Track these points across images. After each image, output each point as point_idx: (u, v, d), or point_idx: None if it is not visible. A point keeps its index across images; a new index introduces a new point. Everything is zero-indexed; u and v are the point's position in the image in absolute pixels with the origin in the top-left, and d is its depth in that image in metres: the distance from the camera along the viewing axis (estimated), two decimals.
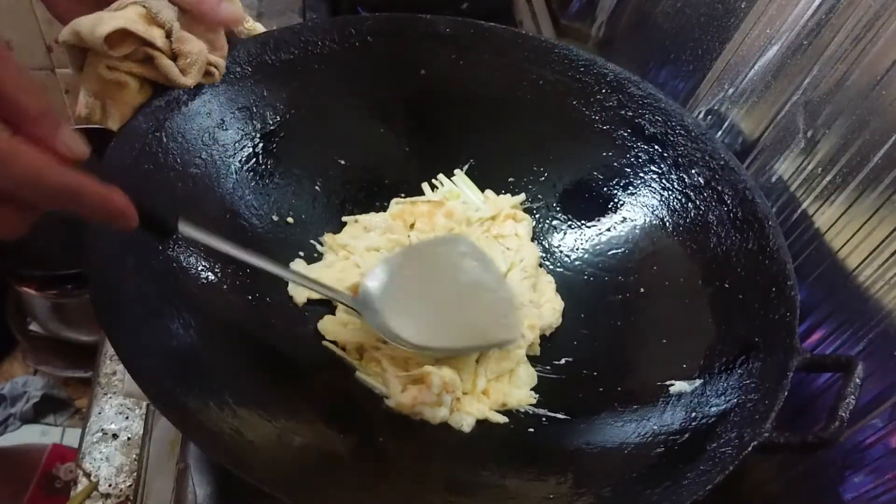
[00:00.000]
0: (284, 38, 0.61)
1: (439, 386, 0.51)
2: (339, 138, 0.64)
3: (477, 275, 0.55)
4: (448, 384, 0.51)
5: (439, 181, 0.65)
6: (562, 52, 0.64)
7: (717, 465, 0.42)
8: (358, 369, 0.53)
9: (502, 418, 0.53)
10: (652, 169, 0.61)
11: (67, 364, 1.31)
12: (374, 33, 0.63)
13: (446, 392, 0.51)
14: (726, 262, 0.54)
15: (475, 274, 0.55)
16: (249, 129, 0.59)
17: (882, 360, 0.47)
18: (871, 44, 0.50)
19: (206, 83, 0.53)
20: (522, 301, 0.58)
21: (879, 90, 0.49)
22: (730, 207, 0.56)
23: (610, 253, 0.62)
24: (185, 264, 0.51)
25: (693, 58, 0.67)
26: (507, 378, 0.55)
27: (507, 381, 0.55)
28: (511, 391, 0.54)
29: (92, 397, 0.62)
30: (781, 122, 0.58)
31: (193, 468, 0.49)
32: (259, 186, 0.59)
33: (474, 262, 0.56)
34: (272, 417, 0.45)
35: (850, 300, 0.50)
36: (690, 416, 0.48)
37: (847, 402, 0.42)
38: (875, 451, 0.47)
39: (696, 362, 0.51)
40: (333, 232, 0.61)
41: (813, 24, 0.55)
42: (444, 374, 0.51)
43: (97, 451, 0.59)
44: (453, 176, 0.65)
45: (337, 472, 0.45)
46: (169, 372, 0.42)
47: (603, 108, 0.63)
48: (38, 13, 1.26)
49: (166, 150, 0.53)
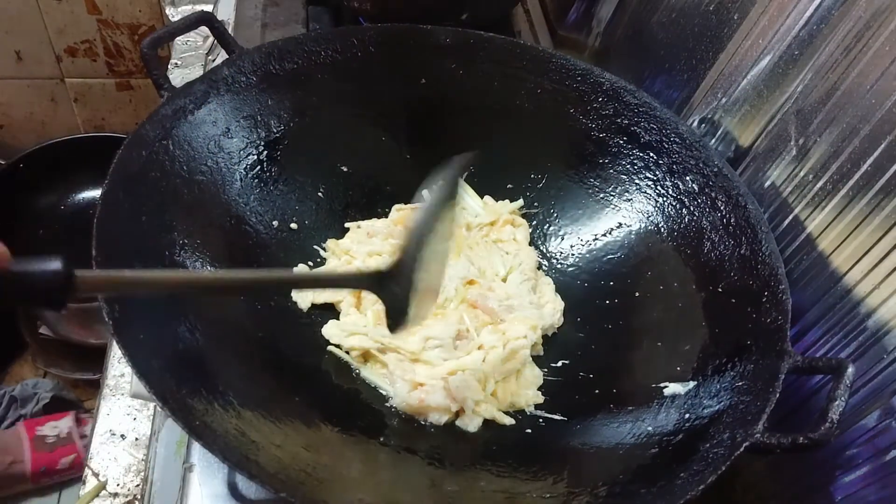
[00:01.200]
0: (288, 49, 0.62)
1: (444, 396, 0.52)
2: (341, 146, 0.65)
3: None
4: (455, 392, 0.52)
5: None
6: (559, 62, 0.65)
7: (709, 466, 0.43)
8: (362, 369, 0.54)
9: (509, 420, 0.54)
10: (647, 176, 0.62)
11: (76, 366, 1.33)
12: (375, 43, 0.65)
13: (453, 400, 0.52)
14: (720, 266, 0.55)
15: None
16: (254, 137, 0.60)
17: (872, 362, 0.48)
18: (862, 54, 0.51)
19: None
20: (522, 303, 0.59)
21: (869, 99, 0.50)
22: (723, 213, 0.57)
23: (606, 258, 0.63)
24: (192, 269, 0.52)
25: (687, 67, 0.68)
26: (513, 378, 0.56)
27: (515, 381, 0.56)
28: (519, 391, 0.55)
29: (100, 399, 0.63)
30: (774, 130, 0.59)
31: (199, 468, 0.49)
32: (263, 193, 0.60)
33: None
34: (276, 418, 0.46)
35: (840, 303, 0.51)
36: (684, 418, 0.49)
37: (838, 404, 0.43)
38: (865, 452, 0.47)
39: (690, 365, 0.52)
40: (336, 237, 0.62)
41: (804, 35, 0.56)
42: (456, 381, 0.52)
43: (105, 451, 0.60)
44: None
45: (339, 472, 0.46)
46: (175, 374, 0.43)
47: (599, 117, 0.64)
48: (47, 24, 1.28)
49: (173, 157, 0.54)
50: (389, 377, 0.54)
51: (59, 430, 1.16)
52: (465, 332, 0.56)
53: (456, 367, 0.54)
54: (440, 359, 0.54)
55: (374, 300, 0.57)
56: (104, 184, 0.48)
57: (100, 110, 1.40)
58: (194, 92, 0.57)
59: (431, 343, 0.55)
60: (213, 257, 0.53)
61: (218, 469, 0.49)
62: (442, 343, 0.55)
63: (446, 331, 0.55)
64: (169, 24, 0.57)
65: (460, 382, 0.52)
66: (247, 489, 0.48)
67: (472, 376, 0.53)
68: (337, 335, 0.56)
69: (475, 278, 0.60)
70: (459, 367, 0.54)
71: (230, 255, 0.55)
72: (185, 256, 0.52)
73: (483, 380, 0.54)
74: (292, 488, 0.40)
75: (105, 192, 0.48)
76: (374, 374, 0.54)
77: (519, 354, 0.56)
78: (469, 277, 0.60)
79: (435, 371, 0.54)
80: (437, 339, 0.55)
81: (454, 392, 0.52)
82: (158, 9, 1.28)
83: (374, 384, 0.54)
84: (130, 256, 0.47)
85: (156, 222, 0.51)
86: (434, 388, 0.52)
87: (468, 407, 0.52)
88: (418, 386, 0.53)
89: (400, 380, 0.53)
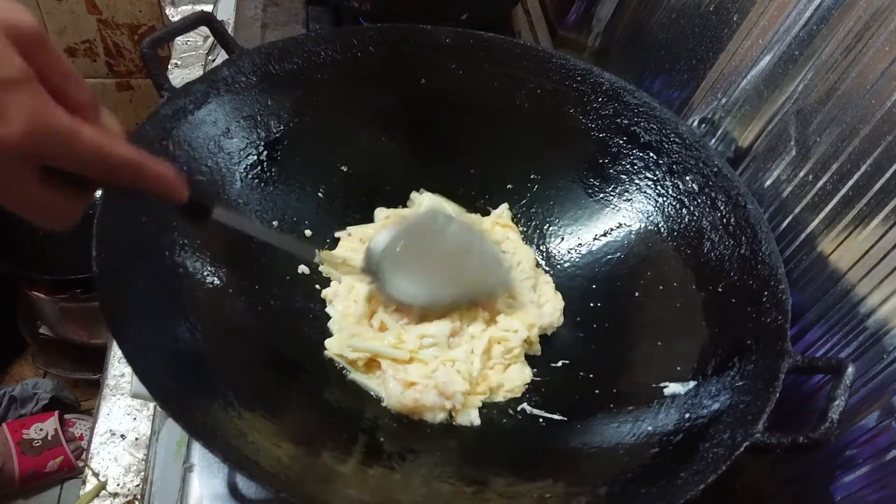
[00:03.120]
0: (288, 49, 0.62)
1: (437, 395, 0.52)
2: (341, 146, 0.65)
3: (462, 238, 0.59)
4: (442, 388, 0.52)
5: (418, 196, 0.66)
6: (559, 62, 0.65)
7: (709, 466, 0.43)
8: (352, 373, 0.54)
9: (501, 397, 0.55)
10: (647, 176, 0.62)
11: (76, 366, 1.33)
12: (375, 43, 0.65)
13: (445, 398, 0.52)
14: (720, 266, 0.55)
15: (460, 237, 0.59)
16: (254, 137, 0.60)
17: (872, 361, 0.48)
18: (862, 54, 0.51)
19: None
20: (523, 301, 0.59)
21: (869, 98, 0.50)
22: (723, 213, 0.57)
23: (605, 258, 0.63)
24: (192, 269, 0.52)
25: (687, 67, 0.68)
26: (500, 370, 0.56)
27: (500, 373, 0.56)
28: (501, 384, 0.55)
29: (100, 399, 0.63)
30: (773, 130, 0.59)
31: (199, 468, 0.49)
32: (263, 193, 0.60)
33: (456, 228, 0.59)
34: (276, 418, 0.46)
35: (840, 303, 0.51)
36: (684, 418, 0.49)
37: (837, 404, 0.43)
38: (865, 452, 0.47)
39: (690, 365, 0.52)
40: (329, 248, 0.62)
41: (804, 35, 0.56)
42: (442, 377, 0.52)
43: (105, 451, 0.60)
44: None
45: (339, 472, 0.46)
46: (175, 374, 0.44)
47: (599, 117, 0.64)
48: (47, 24, 1.29)
49: (173, 158, 0.54)
50: (382, 377, 0.54)
51: (45, 431, 1.16)
52: (458, 329, 0.56)
53: (443, 361, 0.54)
54: (434, 357, 0.54)
55: (364, 294, 0.57)
56: None
57: None
58: (194, 92, 0.57)
59: (427, 341, 0.55)
60: (213, 257, 0.53)
61: (218, 469, 0.49)
62: (437, 341, 0.55)
63: (442, 329, 0.55)
64: (169, 24, 0.57)
65: (445, 377, 0.52)
66: (247, 489, 0.48)
67: (456, 369, 0.53)
68: (338, 349, 0.55)
69: None
70: (447, 359, 0.54)
71: (230, 255, 0.55)
72: (185, 256, 0.52)
73: (466, 370, 0.54)
74: (292, 488, 0.40)
75: (105, 193, 0.48)
76: (364, 378, 0.54)
77: (505, 346, 0.56)
78: None
79: (428, 370, 0.54)
80: (432, 336, 0.55)
81: (442, 388, 0.52)
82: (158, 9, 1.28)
83: (365, 387, 0.54)
84: (130, 256, 0.47)
85: (156, 222, 0.51)
86: (426, 388, 0.52)
87: (458, 401, 0.52)
88: (411, 385, 0.53)
89: (392, 380, 0.53)
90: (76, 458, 1.18)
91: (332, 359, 0.55)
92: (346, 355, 0.55)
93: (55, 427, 1.17)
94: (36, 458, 1.14)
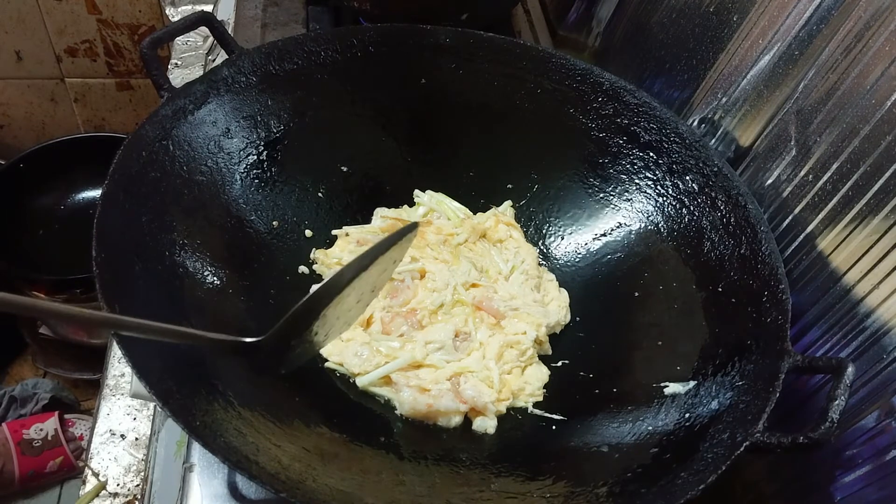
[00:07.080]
0: (288, 49, 0.62)
1: (454, 398, 0.52)
2: (341, 146, 0.65)
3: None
4: (473, 402, 0.52)
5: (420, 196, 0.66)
6: (559, 62, 0.65)
7: (710, 465, 0.43)
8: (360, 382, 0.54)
9: (523, 402, 0.54)
10: (647, 175, 0.62)
11: (76, 366, 1.33)
12: (375, 44, 0.65)
13: (463, 402, 0.52)
14: (720, 266, 0.55)
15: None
16: (254, 137, 0.60)
17: (872, 361, 0.48)
18: (862, 54, 0.51)
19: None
20: (526, 302, 0.59)
21: (869, 99, 0.50)
22: (723, 213, 0.57)
23: (606, 258, 0.63)
24: (192, 269, 0.52)
25: (687, 67, 0.68)
26: (518, 373, 0.56)
27: (519, 377, 0.56)
28: (522, 387, 0.55)
29: (100, 399, 0.63)
30: (774, 130, 0.59)
31: (199, 468, 0.49)
32: (263, 193, 0.60)
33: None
34: (276, 418, 0.46)
35: (840, 303, 0.51)
36: (684, 417, 0.49)
37: (837, 404, 0.43)
38: (865, 452, 0.47)
39: (690, 365, 0.52)
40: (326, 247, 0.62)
41: (804, 35, 0.56)
42: (469, 391, 0.52)
43: (105, 451, 0.60)
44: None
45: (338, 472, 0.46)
46: (175, 374, 0.43)
47: (599, 117, 0.64)
48: (47, 24, 1.29)
49: (173, 158, 0.54)
50: (394, 385, 0.53)
51: (45, 431, 1.16)
52: (462, 331, 0.56)
53: (459, 370, 0.54)
54: (443, 361, 0.54)
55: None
56: (104, 184, 0.48)
57: (100, 110, 1.41)
58: (194, 92, 0.57)
59: (432, 346, 0.55)
60: (213, 257, 0.53)
61: (218, 469, 0.49)
62: (443, 345, 0.55)
63: (445, 333, 0.55)
64: (169, 25, 0.57)
65: (473, 391, 0.52)
66: (247, 489, 0.48)
67: (477, 378, 0.53)
68: (336, 354, 0.55)
69: (477, 281, 0.60)
70: (462, 369, 0.54)
71: (230, 255, 0.55)
72: (185, 256, 0.52)
73: (488, 378, 0.54)
74: (292, 488, 0.40)
75: (105, 192, 0.48)
76: (376, 387, 0.54)
77: (518, 349, 0.56)
78: (471, 281, 0.60)
79: (439, 374, 0.54)
80: (438, 342, 0.55)
81: (472, 402, 0.52)
82: (158, 9, 1.28)
83: (373, 392, 0.54)
84: (130, 256, 0.47)
85: (156, 222, 0.51)
86: (441, 392, 0.52)
87: (489, 410, 0.52)
88: (424, 391, 0.53)
89: (405, 388, 0.53)
90: (76, 459, 1.18)
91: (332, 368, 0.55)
92: (352, 370, 0.54)
93: (55, 427, 1.17)
94: (36, 459, 1.14)
